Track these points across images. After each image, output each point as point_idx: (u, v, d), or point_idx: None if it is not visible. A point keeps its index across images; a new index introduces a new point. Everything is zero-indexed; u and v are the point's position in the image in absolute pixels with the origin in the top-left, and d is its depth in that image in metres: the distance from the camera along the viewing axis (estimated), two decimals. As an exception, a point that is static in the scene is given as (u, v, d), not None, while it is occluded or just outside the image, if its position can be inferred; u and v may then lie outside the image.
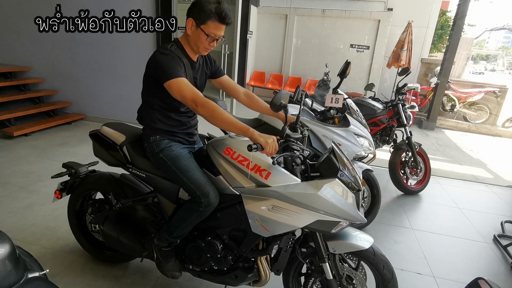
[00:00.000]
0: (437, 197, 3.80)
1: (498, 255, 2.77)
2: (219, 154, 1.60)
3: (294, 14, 9.20)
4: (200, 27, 1.51)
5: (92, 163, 2.22)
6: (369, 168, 2.74)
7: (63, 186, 2.11)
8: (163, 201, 1.79)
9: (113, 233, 1.91)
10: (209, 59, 1.79)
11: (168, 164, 1.63)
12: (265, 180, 1.49)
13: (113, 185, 1.97)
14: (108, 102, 5.40)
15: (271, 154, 1.40)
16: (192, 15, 1.52)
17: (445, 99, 8.37)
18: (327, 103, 2.61)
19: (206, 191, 1.54)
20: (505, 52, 36.96)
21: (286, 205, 1.45)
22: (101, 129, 1.95)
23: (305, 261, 1.69)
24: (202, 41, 1.55)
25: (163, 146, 1.66)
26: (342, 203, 1.42)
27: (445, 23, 13.27)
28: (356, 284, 1.68)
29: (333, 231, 1.47)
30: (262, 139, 1.36)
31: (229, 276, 1.73)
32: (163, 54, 1.52)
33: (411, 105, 3.94)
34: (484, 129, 7.93)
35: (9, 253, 0.88)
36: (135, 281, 2.09)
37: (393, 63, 7.48)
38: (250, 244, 1.62)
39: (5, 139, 4.35)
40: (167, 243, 1.74)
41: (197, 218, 1.61)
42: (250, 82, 9.51)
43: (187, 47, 1.62)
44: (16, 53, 5.50)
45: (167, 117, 1.67)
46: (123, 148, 1.83)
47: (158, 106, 1.65)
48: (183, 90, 1.46)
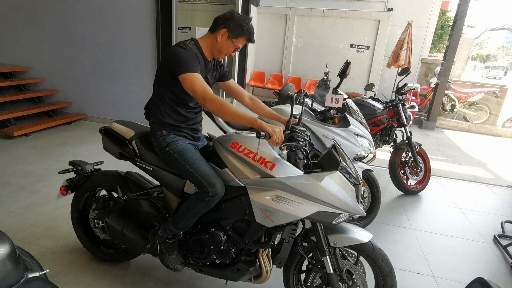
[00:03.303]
0: (437, 197, 3.80)
1: (498, 255, 2.77)
2: (226, 148, 1.67)
3: (294, 14, 9.21)
4: (232, 39, 1.69)
5: (98, 162, 2.26)
6: (369, 168, 2.74)
7: (68, 183, 2.15)
8: (169, 195, 1.84)
9: (117, 226, 1.93)
10: (219, 63, 1.90)
11: (175, 157, 1.69)
12: (269, 171, 1.56)
13: (119, 180, 2.03)
14: (108, 102, 5.40)
15: (277, 144, 1.49)
16: (227, 27, 1.67)
17: (445, 99, 8.37)
18: (327, 103, 2.61)
19: (213, 181, 1.61)
20: (505, 52, 37.01)
21: (289, 196, 1.52)
22: (111, 125, 2.02)
23: (306, 256, 1.73)
24: (229, 51, 1.73)
25: (169, 140, 1.72)
26: (342, 195, 1.49)
27: (445, 23, 13.28)
28: (356, 279, 1.73)
29: (334, 222, 1.53)
30: (269, 128, 1.48)
31: (231, 269, 1.76)
32: (182, 48, 1.62)
33: (411, 105, 3.95)
34: (484, 129, 7.93)
35: (9, 253, 0.88)
36: (135, 281, 2.09)
37: (393, 63, 7.48)
38: (254, 235, 1.66)
39: (5, 139, 4.35)
40: (171, 234, 1.78)
41: (203, 209, 1.66)
42: (250, 82, 9.51)
43: (205, 48, 1.73)
44: (16, 53, 5.50)
45: (175, 112, 1.74)
46: (132, 142, 1.89)
47: (168, 99, 1.72)
48: (195, 85, 1.55)
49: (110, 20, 4.99)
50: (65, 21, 5.16)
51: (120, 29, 4.99)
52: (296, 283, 1.85)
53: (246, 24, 1.68)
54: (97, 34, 5.11)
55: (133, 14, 4.87)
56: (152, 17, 4.78)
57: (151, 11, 4.77)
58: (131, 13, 4.87)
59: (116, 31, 5.01)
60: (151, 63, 5.01)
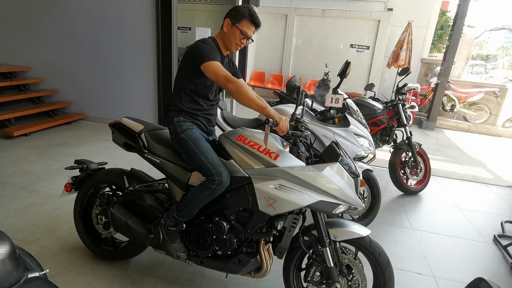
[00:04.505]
0: (437, 197, 3.80)
1: (498, 255, 2.77)
2: (232, 141, 1.75)
3: (294, 14, 9.20)
4: (235, 25, 1.79)
5: (102, 163, 2.30)
6: (369, 168, 2.74)
7: (73, 180, 2.18)
8: (174, 188, 1.90)
9: (122, 216, 1.96)
10: (232, 62, 2.02)
11: (189, 143, 1.77)
12: (274, 160, 1.63)
13: (124, 176, 2.08)
14: (108, 102, 5.40)
15: (283, 132, 1.60)
16: (229, 16, 1.82)
17: (445, 99, 8.37)
18: (327, 103, 2.62)
19: (220, 170, 1.68)
20: (505, 52, 37.02)
21: (292, 185, 1.59)
22: (121, 120, 2.10)
23: (308, 251, 1.77)
24: (236, 37, 1.81)
25: (185, 127, 1.82)
26: (342, 185, 1.58)
27: (445, 23, 13.27)
28: (355, 273, 1.77)
29: (334, 212, 1.61)
30: (277, 116, 1.59)
31: (232, 261, 1.80)
32: (204, 42, 1.77)
33: (411, 105, 3.94)
34: (484, 129, 7.93)
35: (9, 253, 0.88)
36: (135, 281, 2.09)
37: (393, 63, 7.48)
38: (256, 223, 1.71)
39: (5, 139, 4.35)
40: (174, 222, 1.81)
41: (207, 197, 1.71)
42: (250, 82, 9.51)
43: (221, 44, 1.86)
44: (16, 53, 5.50)
45: (193, 101, 1.85)
46: (141, 135, 1.97)
47: (189, 90, 1.83)
48: (218, 69, 1.69)
49: (110, 20, 4.99)
50: (65, 21, 5.16)
51: (120, 29, 4.98)
52: (296, 280, 1.88)
53: (245, 8, 1.83)
54: (97, 34, 5.11)
55: (133, 14, 4.87)
56: (152, 17, 4.78)
57: (151, 11, 4.77)
58: (131, 13, 4.87)
59: (116, 31, 5.01)
60: (151, 63, 5.01)
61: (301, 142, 1.74)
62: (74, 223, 2.26)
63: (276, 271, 2.05)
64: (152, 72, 5.05)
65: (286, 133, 1.63)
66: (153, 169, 1.98)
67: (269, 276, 1.99)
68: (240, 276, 2.08)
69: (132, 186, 2.01)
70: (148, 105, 5.19)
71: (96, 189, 2.25)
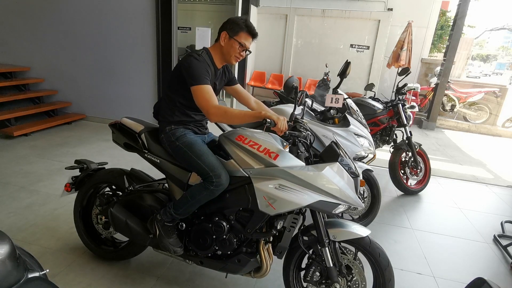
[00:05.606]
0: (437, 197, 3.80)
1: (498, 255, 2.77)
2: (231, 141, 1.75)
3: (294, 14, 9.21)
4: (233, 37, 1.77)
5: (102, 163, 2.30)
6: (369, 168, 2.74)
7: (73, 180, 2.18)
8: (173, 188, 1.90)
9: (122, 216, 1.96)
10: (227, 69, 2.00)
11: (184, 150, 1.77)
12: (273, 160, 1.63)
13: (124, 176, 2.08)
14: (108, 102, 5.40)
15: (281, 131, 1.61)
16: (225, 29, 1.79)
17: (445, 99, 8.37)
18: (327, 103, 2.62)
19: (218, 172, 1.68)
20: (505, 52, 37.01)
21: (291, 184, 1.58)
22: (121, 120, 2.10)
23: (307, 251, 1.77)
24: (235, 50, 1.79)
25: (178, 134, 1.82)
26: (342, 185, 1.57)
27: (445, 23, 13.26)
28: (355, 274, 1.76)
29: (334, 212, 1.60)
30: (275, 116, 1.60)
31: (232, 260, 1.80)
32: (196, 59, 1.72)
33: (411, 105, 3.94)
34: (484, 129, 7.93)
35: (9, 253, 0.88)
36: (135, 281, 2.09)
37: (393, 63, 7.48)
38: (256, 223, 1.70)
39: (5, 139, 4.35)
40: (170, 218, 1.81)
41: (206, 197, 1.70)
42: (250, 82, 9.51)
43: (216, 56, 1.84)
44: (16, 53, 5.50)
45: (184, 114, 1.85)
46: (141, 135, 1.98)
47: (179, 103, 1.83)
48: (203, 98, 1.68)
49: (110, 20, 4.99)
50: (65, 21, 5.17)
51: (120, 29, 4.99)
52: (296, 280, 1.88)
53: (241, 19, 1.79)
54: (97, 34, 5.11)
55: (133, 14, 4.87)
56: (152, 17, 4.78)
57: (151, 11, 4.77)
58: (131, 13, 4.87)
59: (116, 31, 5.01)
60: (151, 63, 5.01)
61: (301, 142, 1.74)
62: (74, 223, 2.26)
63: (276, 271, 2.05)
64: (152, 72, 5.05)
65: (284, 133, 1.64)
66: (153, 169, 1.98)
67: (269, 276, 1.99)
68: (240, 276, 2.08)
69: (132, 186, 2.01)
70: (148, 105, 5.19)
71: (96, 189, 2.25)
